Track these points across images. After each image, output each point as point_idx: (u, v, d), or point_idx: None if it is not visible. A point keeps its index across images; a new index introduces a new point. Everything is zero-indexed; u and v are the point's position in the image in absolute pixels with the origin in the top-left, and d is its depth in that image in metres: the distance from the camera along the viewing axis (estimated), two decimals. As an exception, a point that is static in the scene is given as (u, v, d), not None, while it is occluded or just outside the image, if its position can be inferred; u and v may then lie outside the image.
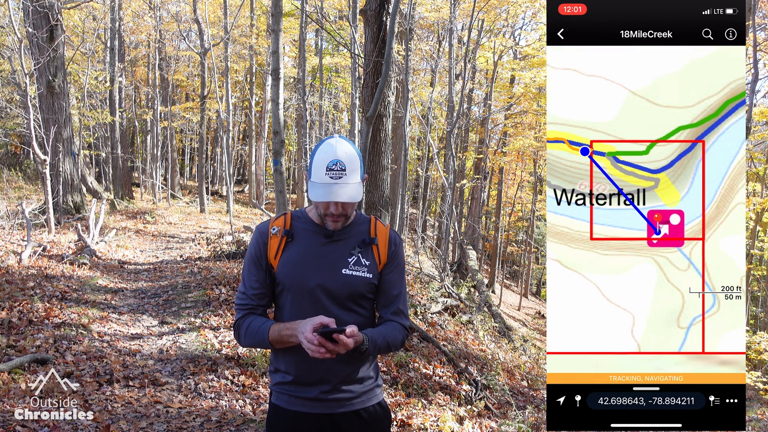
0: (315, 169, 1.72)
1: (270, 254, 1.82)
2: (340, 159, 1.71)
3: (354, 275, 1.81)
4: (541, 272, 27.75)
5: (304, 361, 1.76)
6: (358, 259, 1.83)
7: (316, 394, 1.80)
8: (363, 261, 1.84)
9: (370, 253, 1.86)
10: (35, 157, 10.62)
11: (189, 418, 4.00)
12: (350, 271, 1.82)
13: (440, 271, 11.01)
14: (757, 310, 19.65)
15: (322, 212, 1.78)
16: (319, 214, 1.81)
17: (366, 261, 1.84)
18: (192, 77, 26.25)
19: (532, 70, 15.03)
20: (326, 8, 16.25)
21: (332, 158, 1.71)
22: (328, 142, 1.75)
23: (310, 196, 1.72)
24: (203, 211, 17.95)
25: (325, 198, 1.70)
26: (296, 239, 1.83)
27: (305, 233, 1.84)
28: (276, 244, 1.81)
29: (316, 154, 1.75)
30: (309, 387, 1.81)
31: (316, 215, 1.86)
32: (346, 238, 1.85)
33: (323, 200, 1.71)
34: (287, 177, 24.51)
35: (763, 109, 10.80)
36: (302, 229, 1.85)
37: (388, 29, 5.58)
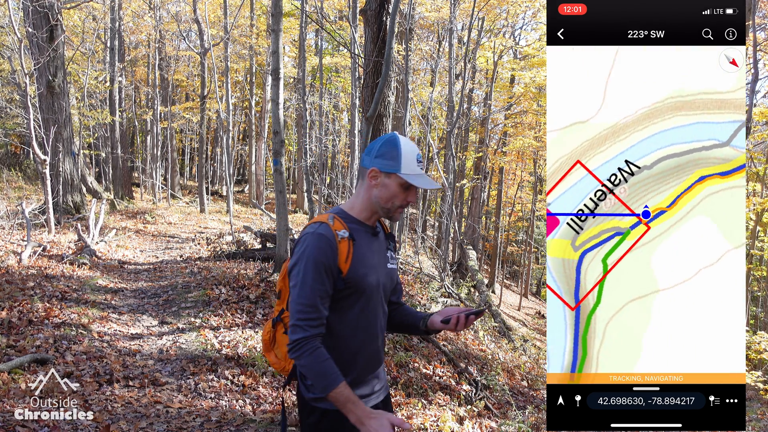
0: (407, 162, 1.81)
1: (341, 259, 1.77)
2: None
3: (393, 269, 1.98)
4: (541, 272, 27.75)
5: (363, 358, 1.86)
6: (391, 253, 2.00)
7: (371, 389, 1.91)
8: (392, 255, 2.00)
9: (392, 246, 2.02)
10: (35, 157, 10.62)
11: (189, 418, 4.00)
12: (391, 265, 1.97)
13: (440, 271, 11.01)
14: (757, 310, 19.65)
15: (397, 204, 1.85)
16: (390, 207, 1.85)
17: (393, 254, 2.01)
18: (192, 77, 26.24)
19: (532, 70, 15.03)
20: (326, 8, 16.26)
21: (417, 152, 1.85)
22: (401, 137, 1.86)
23: (418, 184, 1.79)
24: (203, 211, 17.96)
25: (429, 186, 1.82)
26: (357, 240, 1.84)
27: (358, 233, 1.86)
28: (345, 249, 1.79)
29: (401, 147, 1.82)
30: (365, 384, 1.89)
31: (362, 212, 1.87)
32: (377, 233, 1.94)
33: (427, 187, 1.81)
34: (287, 177, 24.52)
35: (763, 110, 10.80)
36: (355, 229, 1.86)
37: (388, 29, 5.58)
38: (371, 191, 1.85)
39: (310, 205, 9.48)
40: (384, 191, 1.83)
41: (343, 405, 1.71)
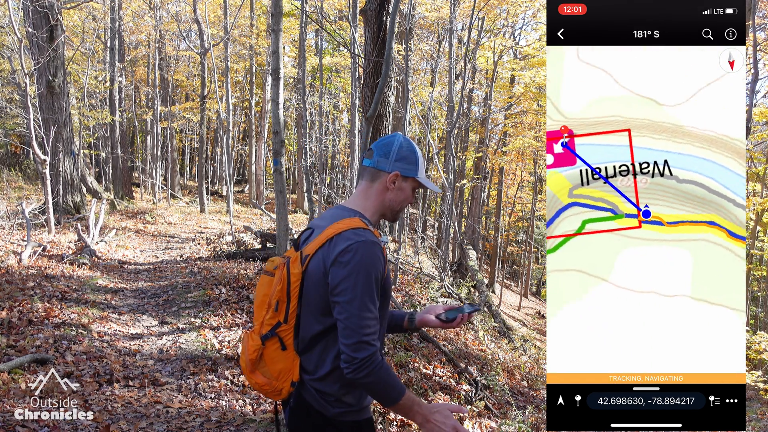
0: (421, 166, 1.86)
1: (385, 266, 1.74)
2: None
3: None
4: (541, 272, 27.75)
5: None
6: None
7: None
8: None
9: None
10: (35, 157, 10.62)
11: (189, 418, 4.00)
12: None
13: (440, 271, 11.01)
14: (757, 310, 19.65)
15: (405, 205, 1.87)
16: (399, 210, 1.87)
17: None
18: (192, 77, 26.25)
19: (532, 70, 15.02)
20: (326, 8, 16.25)
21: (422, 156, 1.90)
22: (408, 139, 1.87)
23: (430, 187, 1.86)
24: (203, 211, 17.96)
25: (436, 189, 1.92)
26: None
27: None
28: (385, 254, 1.77)
29: (417, 152, 1.85)
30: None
31: (374, 215, 1.85)
32: None
33: (435, 190, 1.89)
34: (287, 177, 24.52)
35: (763, 110, 10.79)
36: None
37: (388, 29, 5.58)
38: (386, 194, 1.82)
39: (310, 205, 9.48)
40: (400, 195, 1.83)
41: (410, 409, 1.68)
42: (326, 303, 1.69)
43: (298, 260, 1.72)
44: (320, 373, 1.72)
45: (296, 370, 1.73)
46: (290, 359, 1.73)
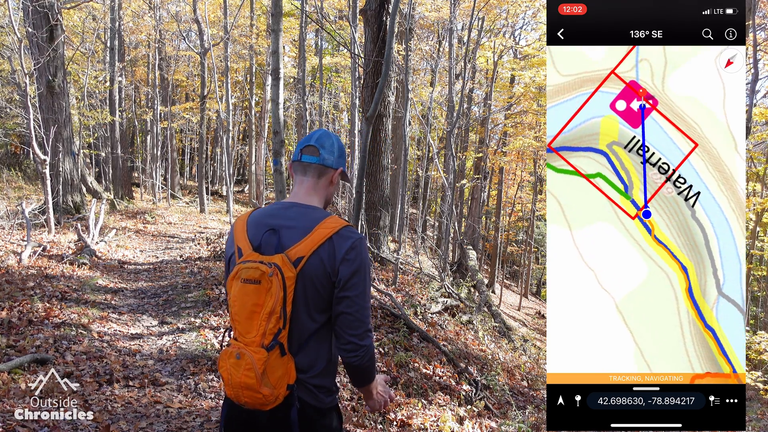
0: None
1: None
2: None
3: None
4: (541, 272, 27.74)
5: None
6: None
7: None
8: None
9: None
10: (35, 157, 10.62)
11: (189, 418, 4.00)
12: None
13: (440, 271, 11.00)
14: (757, 310, 19.65)
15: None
16: (331, 202, 1.98)
17: None
18: (192, 77, 26.24)
19: (532, 70, 15.02)
20: (326, 8, 16.25)
21: None
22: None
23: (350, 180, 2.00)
24: (203, 211, 17.95)
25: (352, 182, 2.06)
26: None
27: None
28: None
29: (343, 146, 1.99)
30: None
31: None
32: None
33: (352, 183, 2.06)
34: (287, 177, 24.45)
35: (763, 110, 10.79)
36: None
37: (388, 29, 5.58)
38: (329, 189, 1.92)
39: (310, 205, 9.45)
40: (335, 188, 1.97)
41: (375, 387, 1.89)
42: (326, 301, 1.73)
43: (288, 263, 1.69)
44: (317, 369, 1.77)
45: (292, 373, 1.73)
46: (286, 363, 1.73)
